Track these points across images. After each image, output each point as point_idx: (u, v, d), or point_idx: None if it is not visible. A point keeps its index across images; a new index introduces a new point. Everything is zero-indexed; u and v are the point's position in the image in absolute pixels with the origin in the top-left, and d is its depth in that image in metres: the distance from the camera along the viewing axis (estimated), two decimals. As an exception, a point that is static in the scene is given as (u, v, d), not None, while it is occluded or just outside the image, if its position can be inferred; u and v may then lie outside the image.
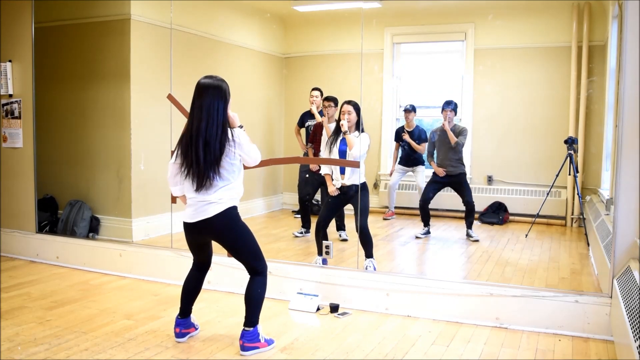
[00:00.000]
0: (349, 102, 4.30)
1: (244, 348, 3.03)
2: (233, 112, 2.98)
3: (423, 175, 5.98)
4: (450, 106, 5.50)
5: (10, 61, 5.19)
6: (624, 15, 3.22)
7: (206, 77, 2.95)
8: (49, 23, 5.29)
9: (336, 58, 6.50)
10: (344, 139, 4.29)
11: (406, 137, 5.90)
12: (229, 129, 2.91)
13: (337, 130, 4.36)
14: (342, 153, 4.30)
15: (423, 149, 5.88)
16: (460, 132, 5.50)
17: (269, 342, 3.12)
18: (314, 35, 6.75)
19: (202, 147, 2.83)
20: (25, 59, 5.10)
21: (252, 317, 3.04)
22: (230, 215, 2.96)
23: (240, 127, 3.01)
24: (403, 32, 6.51)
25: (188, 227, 3.01)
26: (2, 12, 5.18)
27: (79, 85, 5.43)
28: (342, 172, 4.30)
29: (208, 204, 2.92)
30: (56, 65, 5.49)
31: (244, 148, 2.95)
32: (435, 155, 5.68)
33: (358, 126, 4.30)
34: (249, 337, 3.03)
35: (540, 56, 5.85)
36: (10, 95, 5.22)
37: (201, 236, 3.05)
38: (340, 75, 6.16)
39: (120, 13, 5.12)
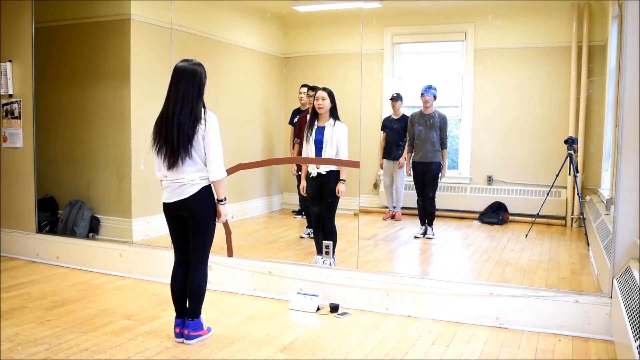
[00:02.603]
0: (323, 89, 4.34)
1: (189, 337, 3.17)
2: (223, 209, 3.15)
3: (403, 172, 5.96)
4: (429, 92, 5.47)
5: (10, 61, 5.19)
6: (624, 15, 3.22)
7: (183, 60, 3.08)
8: (49, 23, 5.29)
9: (336, 58, 6.50)
10: (319, 128, 4.30)
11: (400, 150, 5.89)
12: (203, 110, 3.03)
13: (313, 117, 4.38)
14: (319, 142, 4.31)
15: None
16: (443, 122, 5.47)
17: (209, 329, 3.29)
18: (314, 35, 6.75)
19: (176, 128, 2.97)
20: (25, 59, 5.10)
21: (196, 309, 3.19)
22: (204, 195, 3.10)
23: (223, 200, 3.16)
24: (403, 32, 6.51)
25: (166, 206, 3.16)
26: (2, 12, 5.18)
27: (79, 85, 5.43)
28: (319, 154, 4.31)
29: (182, 186, 3.06)
30: (56, 65, 5.49)
31: (209, 135, 3.02)
32: (414, 143, 5.62)
33: (332, 113, 4.30)
34: (194, 326, 3.18)
35: (540, 56, 5.85)
36: (10, 95, 5.22)
37: (180, 214, 3.14)
38: (340, 75, 6.16)
39: (120, 13, 5.12)
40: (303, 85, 5.63)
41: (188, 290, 3.17)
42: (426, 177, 5.51)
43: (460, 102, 6.20)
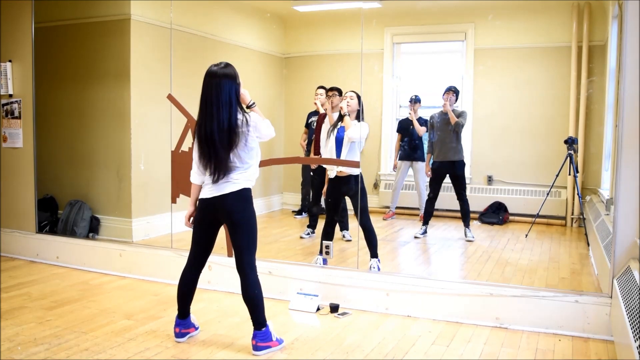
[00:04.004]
0: (352, 91, 4.37)
1: (256, 348, 3.03)
2: (244, 90, 3.04)
3: (423, 172, 5.96)
4: (451, 89, 5.47)
5: (10, 61, 5.19)
6: (624, 15, 3.22)
7: (214, 65, 2.98)
8: (49, 23, 5.29)
9: (336, 58, 6.50)
10: (341, 128, 4.30)
11: (412, 116, 5.82)
12: (243, 116, 2.96)
13: (340, 118, 4.39)
14: (340, 140, 4.31)
15: (424, 130, 5.83)
16: (459, 115, 5.47)
17: (280, 341, 3.13)
18: (314, 35, 6.75)
19: (217, 145, 2.89)
20: (25, 59, 5.10)
21: (258, 318, 3.04)
22: (244, 195, 3.02)
23: (253, 104, 3.08)
24: (403, 32, 6.51)
25: (203, 202, 3.05)
26: (2, 12, 5.18)
27: (79, 85, 5.43)
28: (338, 155, 4.30)
29: (225, 182, 2.98)
30: (56, 65, 5.49)
31: (259, 129, 3.02)
32: (434, 145, 5.64)
33: (358, 116, 4.32)
34: (262, 337, 3.04)
35: (540, 56, 5.85)
36: (10, 95, 5.22)
37: (214, 212, 3.04)
38: (340, 75, 6.15)
39: (120, 13, 5.12)
40: (320, 87, 5.57)
41: (245, 301, 3.04)
42: (453, 179, 5.50)
43: (460, 102, 6.19)
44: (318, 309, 3.76)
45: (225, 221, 3.07)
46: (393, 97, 6.56)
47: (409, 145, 5.97)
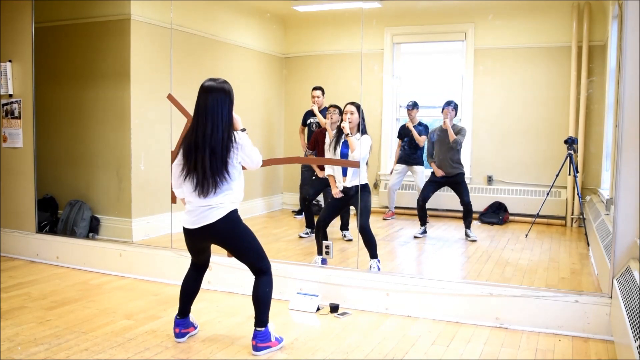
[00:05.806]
0: (352, 103, 4.33)
1: (256, 348, 3.04)
2: (236, 115, 2.98)
3: (422, 175, 5.98)
4: (451, 105, 5.52)
5: (10, 61, 5.19)
6: (624, 15, 3.22)
7: (210, 79, 2.93)
8: (49, 23, 5.29)
9: (336, 58, 6.50)
10: (345, 142, 4.31)
11: (409, 125, 5.86)
12: (233, 133, 2.91)
13: (339, 133, 4.38)
14: (344, 156, 4.31)
15: (423, 140, 5.86)
16: (458, 131, 5.51)
17: (279, 340, 3.14)
18: (314, 35, 6.76)
19: (209, 154, 2.82)
20: (25, 59, 5.10)
21: (262, 316, 3.05)
22: (232, 219, 2.95)
23: (243, 130, 3.00)
24: (403, 32, 6.52)
25: (188, 232, 3.01)
26: (2, 12, 5.18)
27: (79, 85, 5.43)
28: (344, 174, 4.31)
29: (209, 209, 2.90)
30: (56, 65, 5.49)
31: (245, 150, 2.94)
32: (434, 156, 5.68)
33: (359, 128, 4.32)
34: (261, 337, 3.04)
35: (540, 56, 5.85)
36: (10, 95, 5.22)
37: (202, 241, 3.06)
38: (340, 75, 6.16)
39: (120, 13, 5.12)
40: (315, 88, 5.56)
41: (254, 298, 3.04)
42: (454, 187, 5.53)
43: (460, 102, 6.20)
44: (318, 309, 3.76)
45: (220, 246, 3.07)
46: (393, 98, 6.56)
47: (409, 145, 5.98)
